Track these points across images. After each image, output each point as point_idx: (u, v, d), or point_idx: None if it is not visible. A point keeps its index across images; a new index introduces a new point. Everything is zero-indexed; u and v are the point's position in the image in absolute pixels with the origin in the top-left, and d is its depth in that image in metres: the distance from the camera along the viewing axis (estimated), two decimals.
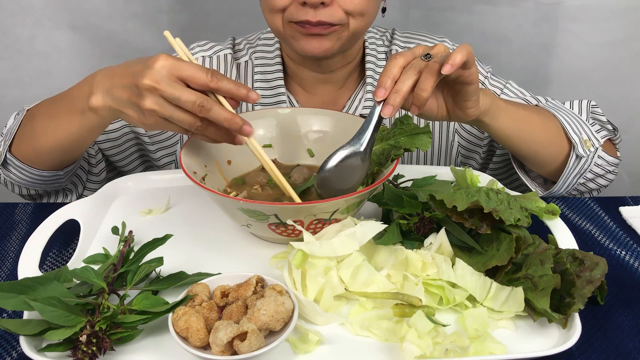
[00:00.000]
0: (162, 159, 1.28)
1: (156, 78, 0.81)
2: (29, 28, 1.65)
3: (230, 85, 0.85)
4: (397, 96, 0.83)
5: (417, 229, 0.88)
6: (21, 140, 1.08)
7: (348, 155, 0.88)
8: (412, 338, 0.72)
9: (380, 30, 1.30)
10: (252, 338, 0.69)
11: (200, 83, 0.83)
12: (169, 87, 0.81)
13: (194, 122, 0.84)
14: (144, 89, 0.82)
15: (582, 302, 0.76)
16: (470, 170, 1.04)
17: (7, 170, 1.11)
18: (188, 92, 0.82)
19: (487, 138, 1.26)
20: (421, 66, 0.85)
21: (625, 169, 1.73)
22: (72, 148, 1.06)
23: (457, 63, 0.82)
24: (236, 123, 0.85)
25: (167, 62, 0.82)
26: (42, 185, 1.14)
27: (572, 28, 1.65)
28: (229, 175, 1.05)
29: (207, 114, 0.83)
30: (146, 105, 0.83)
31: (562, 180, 1.12)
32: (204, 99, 0.83)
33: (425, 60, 0.85)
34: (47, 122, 1.03)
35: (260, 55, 1.24)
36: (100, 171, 1.20)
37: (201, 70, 0.83)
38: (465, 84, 0.89)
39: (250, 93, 0.86)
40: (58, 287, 0.76)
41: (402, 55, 0.86)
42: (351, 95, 1.24)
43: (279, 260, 0.90)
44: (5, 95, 1.72)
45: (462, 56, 0.83)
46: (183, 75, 0.82)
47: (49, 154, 1.06)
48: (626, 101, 1.73)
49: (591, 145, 1.11)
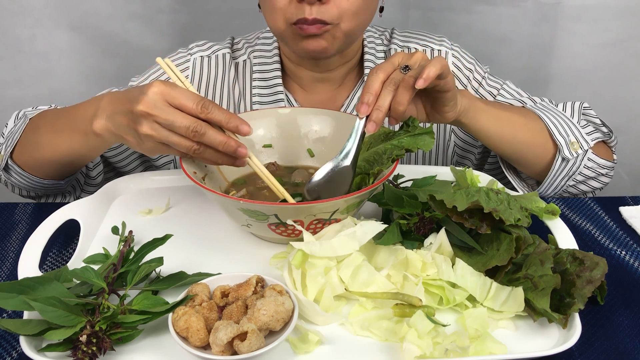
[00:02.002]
0: (160, 158, 1.28)
1: (150, 104, 0.83)
2: (29, 28, 1.65)
3: (221, 116, 0.85)
4: (380, 112, 0.88)
5: (417, 229, 0.88)
6: (23, 149, 1.10)
7: (334, 168, 0.92)
8: (412, 338, 0.72)
9: (379, 29, 1.30)
10: (252, 338, 0.69)
11: (190, 113, 0.84)
12: (162, 112, 0.83)
13: (191, 146, 0.85)
14: (139, 114, 0.84)
15: (582, 302, 0.76)
16: (470, 170, 1.04)
17: (9, 174, 1.13)
18: (181, 117, 0.84)
19: None
20: (399, 80, 0.88)
21: (625, 169, 1.73)
22: (73, 163, 1.10)
23: (431, 77, 0.86)
24: (230, 146, 0.86)
25: (160, 88, 0.84)
26: (42, 190, 1.17)
27: (572, 28, 1.65)
28: (229, 175, 1.05)
29: (201, 138, 0.84)
30: (142, 130, 0.85)
31: (547, 182, 1.13)
32: (197, 123, 0.84)
33: (404, 72, 0.89)
34: (50, 136, 1.05)
35: (259, 54, 1.24)
36: (97, 174, 1.21)
37: (191, 100, 0.84)
38: (442, 92, 0.93)
39: (240, 126, 0.86)
40: (58, 287, 0.76)
41: (382, 70, 0.89)
42: (349, 94, 1.25)
43: (279, 260, 0.90)
44: (5, 95, 1.72)
45: (436, 70, 0.86)
46: (174, 103, 0.84)
47: (51, 166, 1.09)
48: (626, 101, 1.73)
49: (579, 147, 1.11)
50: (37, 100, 1.71)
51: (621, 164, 1.21)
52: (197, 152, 0.86)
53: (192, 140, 0.85)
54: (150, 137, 0.85)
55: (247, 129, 0.86)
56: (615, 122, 1.22)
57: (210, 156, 0.88)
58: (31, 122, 1.12)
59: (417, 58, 0.91)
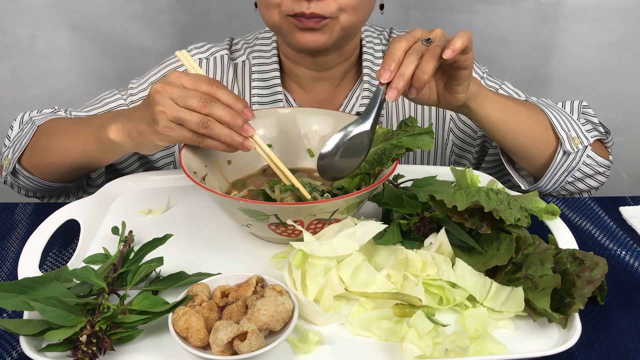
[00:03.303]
0: (160, 160, 1.28)
1: (164, 82, 0.88)
2: (29, 28, 1.65)
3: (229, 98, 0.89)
4: (401, 80, 0.85)
5: (417, 229, 0.88)
6: (33, 153, 1.12)
7: (355, 134, 0.90)
8: (412, 338, 0.72)
9: (378, 29, 1.30)
10: (252, 338, 0.69)
11: (201, 90, 0.88)
12: (175, 88, 0.88)
13: (200, 120, 0.87)
14: (154, 93, 0.88)
15: (582, 302, 0.76)
16: (470, 170, 1.04)
17: (16, 177, 1.16)
18: (192, 91, 0.88)
19: (480, 138, 1.27)
20: (422, 50, 0.87)
21: (625, 169, 1.73)
22: (86, 168, 1.13)
23: (458, 48, 0.85)
24: (237, 121, 0.89)
25: (176, 74, 0.89)
26: (49, 192, 1.19)
27: (572, 28, 1.65)
28: (229, 175, 1.05)
29: (210, 109, 0.87)
30: (158, 108, 0.88)
31: (548, 175, 1.13)
32: (207, 96, 0.88)
33: (426, 44, 0.87)
34: (65, 141, 1.09)
35: (258, 55, 1.24)
36: (98, 176, 1.22)
37: (202, 81, 0.89)
38: (461, 69, 0.92)
39: (246, 110, 0.90)
40: (58, 287, 0.76)
41: (404, 39, 0.87)
42: (348, 93, 1.25)
43: (279, 260, 0.90)
44: (5, 95, 1.72)
45: (463, 42, 0.85)
46: (185, 83, 0.89)
47: (62, 170, 1.12)
48: (626, 101, 1.73)
49: (579, 142, 1.12)
50: (37, 100, 1.72)
51: (621, 164, 1.21)
52: (207, 127, 0.87)
53: (202, 112, 0.87)
54: (164, 114, 0.87)
55: (250, 114, 0.90)
56: (615, 121, 1.22)
57: (218, 133, 0.88)
58: (41, 128, 1.14)
59: (438, 34, 0.90)
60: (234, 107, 0.89)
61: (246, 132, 0.89)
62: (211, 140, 0.89)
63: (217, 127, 0.88)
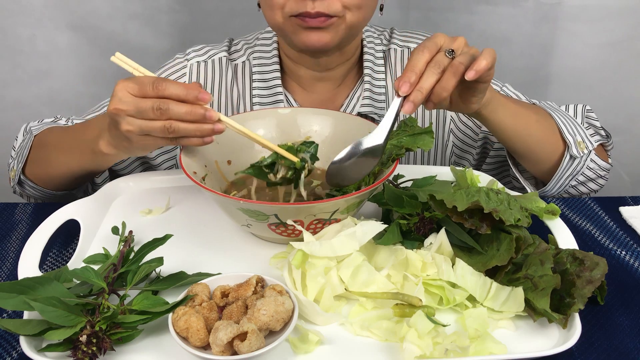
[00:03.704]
0: (164, 164, 1.28)
1: (116, 102, 0.87)
2: (29, 28, 1.65)
3: (178, 90, 0.86)
4: (420, 94, 0.84)
5: (417, 229, 0.88)
6: (34, 166, 1.15)
7: (369, 146, 0.89)
8: (412, 338, 0.72)
9: (379, 29, 1.30)
10: (252, 338, 0.69)
11: (150, 96, 0.86)
12: (126, 104, 0.87)
13: (163, 126, 0.86)
14: (113, 115, 0.88)
15: (582, 302, 0.76)
16: (470, 170, 1.04)
17: (23, 188, 1.19)
18: (144, 101, 0.86)
19: (481, 139, 1.27)
20: (445, 64, 0.85)
21: (625, 169, 1.73)
22: (86, 176, 1.14)
23: (482, 69, 0.84)
24: (197, 113, 0.86)
25: (120, 85, 0.87)
26: (55, 199, 1.20)
27: (572, 28, 1.65)
28: (229, 175, 1.05)
29: (167, 114, 0.85)
30: (123, 128, 0.88)
31: (554, 180, 1.13)
32: (159, 101, 0.85)
33: (449, 57, 0.85)
34: (59, 154, 1.10)
35: (258, 55, 1.24)
36: (103, 180, 1.23)
37: (145, 84, 0.86)
38: (480, 83, 0.91)
39: (200, 95, 0.86)
40: (58, 287, 0.76)
41: (427, 48, 0.86)
42: (349, 93, 1.25)
43: (279, 260, 0.90)
44: (5, 95, 1.72)
45: (488, 63, 0.85)
46: (135, 92, 0.87)
47: (63, 180, 1.14)
48: (626, 101, 1.73)
49: (585, 147, 1.12)
50: (37, 100, 1.72)
51: (621, 164, 1.21)
52: (172, 131, 0.86)
53: (162, 119, 0.86)
54: (131, 132, 0.88)
55: (207, 96, 0.87)
56: (614, 122, 1.22)
57: (185, 130, 0.87)
58: (38, 139, 1.16)
59: (460, 44, 0.88)
60: (188, 98, 0.86)
61: (211, 119, 0.87)
62: (184, 139, 0.89)
63: (182, 127, 0.87)
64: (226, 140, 1.05)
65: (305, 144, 0.96)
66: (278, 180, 0.95)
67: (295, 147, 0.95)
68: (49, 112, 1.25)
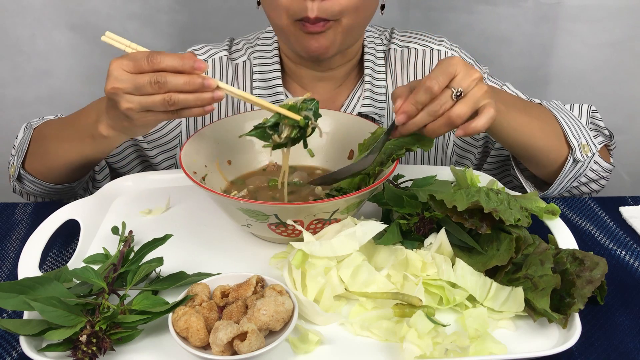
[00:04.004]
0: (163, 162, 1.28)
1: (112, 81, 0.87)
2: (29, 28, 1.65)
3: (173, 62, 0.85)
4: (414, 127, 0.88)
5: (417, 229, 0.88)
6: (33, 158, 1.14)
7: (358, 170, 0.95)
8: (412, 338, 0.72)
9: (379, 29, 1.30)
10: (252, 338, 0.69)
11: (145, 71, 0.86)
12: (123, 82, 0.86)
13: (163, 99, 0.86)
14: (110, 95, 0.88)
15: (582, 302, 0.76)
16: (470, 170, 1.04)
17: (22, 184, 1.17)
18: (140, 77, 0.86)
19: (482, 139, 1.27)
20: (446, 108, 0.86)
21: (625, 169, 1.73)
22: (86, 166, 1.13)
23: (472, 132, 0.86)
24: (195, 82, 0.86)
25: (115, 63, 0.88)
26: (56, 195, 1.20)
27: (572, 28, 1.65)
28: (229, 175, 1.05)
29: (165, 87, 0.85)
30: (122, 107, 0.88)
31: (556, 183, 1.13)
32: (156, 75, 0.85)
33: (454, 99, 0.85)
34: (59, 145, 1.10)
35: (259, 55, 1.24)
36: (104, 177, 1.24)
37: (140, 60, 0.86)
38: None
39: (196, 64, 0.85)
40: (58, 287, 0.76)
41: (437, 84, 0.85)
42: (350, 93, 1.24)
43: (279, 260, 0.90)
44: (5, 95, 1.72)
45: (483, 126, 0.86)
46: (130, 69, 0.87)
47: (63, 171, 1.13)
48: (626, 101, 1.73)
49: (589, 150, 1.12)
50: (37, 100, 1.72)
51: (621, 164, 1.21)
52: (173, 103, 0.86)
53: (160, 93, 0.86)
54: (131, 109, 0.87)
55: (202, 64, 0.86)
56: (615, 122, 1.22)
57: (185, 101, 0.86)
58: (37, 132, 1.16)
59: (473, 81, 0.86)
60: (184, 69, 0.85)
61: (210, 87, 0.86)
62: (185, 110, 0.88)
63: (182, 98, 0.86)
64: (226, 140, 1.05)
65: (305, 101, 0.95)
66: (283, 140, 0.94)
67: (297, 106, 0.94)
68: (49, 112, 1.25)
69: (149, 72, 0.85)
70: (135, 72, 0.86)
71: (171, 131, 1.23)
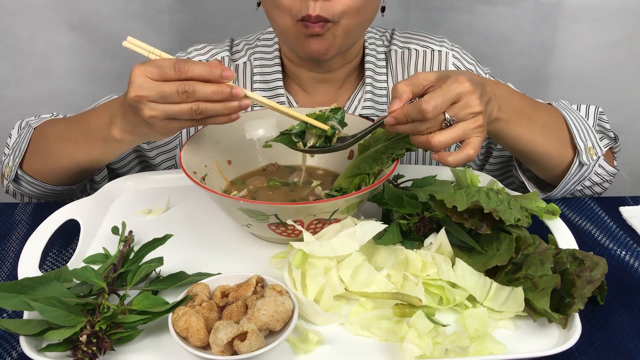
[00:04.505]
0: (163, 163, 1.28)
1: (136, 88, 0.85)
2: (29, 28, 1.65)
3: (201, 70, 0.85)
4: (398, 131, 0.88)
5: (417, 229, 0.88)
6: (34, 159, 1.12)
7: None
8: (412, 338, 0.72)
9: (380, 30, 1.30)
10: (252, 338, 0.69)
11: (172, 79, 0.85)
12: (149, 90, 0.85)
13: (190, 108, 0.85)
14: (134, 102, 0.87)
15: (582, 302, 0.76)
16: (470, 170, 1.04)
17: (19, 185, 1.15)
18: (167, 85, 0.85)
19: (486, 138, 1.26)
20: (433, 130, 0.85)
21: (625, 169, 1.73)
22: (90, 168, 1.12)
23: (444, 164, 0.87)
24: (224, 91, 0.86)
25: (138, 70, 0.86)
26: (53, 197, 1.18)
27: (572, 28, 1.65)
28: (229, 175, 1.05)
29: (194, 96, 0.85)
30: (145, 115, 0.87)
31: (560, 186, 1.12)
32: (185, 84, 0.84)
33: (444, 125, 0.85)
34: (63, 145, 1.07)
35: (259, 56, 1.24)
36: (102, 179, 1.23)
37: (167, 67, 0.85)
38: None
39: (224, 73, 0.85)
40: (58, 287, 0.76)
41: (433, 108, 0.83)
42: (350, 95, 1.24)
43: (279, 260, 0.90)
44: (5, 95, 1.72)
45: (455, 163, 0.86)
46: (155, 77, 0.85)
47: (66, 173, 1.11)
48: (626, 101, 1.73)
49: (594, 153, 1.10)
50: (37, 100, 1.72)
51: (622, 164, 1.20)
52: (200, 113, 0.86)
53: (188, 102, 0.85)
54: (154, 117, 0.87)
55: (230, 73, 0.86)
56: (615, 122, 1.21)
57: (213, 110, 0.86)
58: (38, 132, 1.13)
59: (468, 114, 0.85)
60: (212, 77, 0.85)
61: (238, 96, 0.86)
62: (211, 118, 0.88)
63: (210, 107, 0.86)
64: (226, 140, 1.05)
65: (332, 110, 0.96)
66: (307, 148, 0.95)
67: (324, 115, 0.95)
68: (49, 112, 1.25)
69: (176, 80, 0.85)
70: (161, 79, 0.85)
71: None
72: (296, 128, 0.95)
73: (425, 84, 0.87)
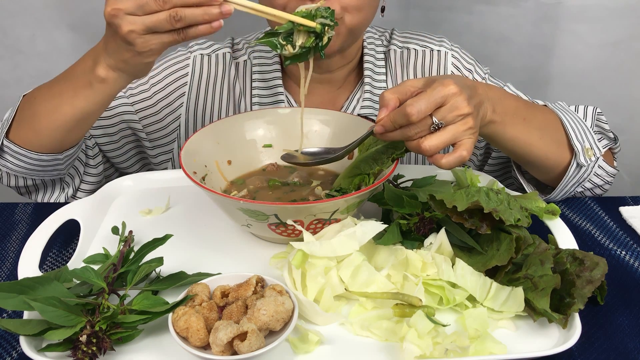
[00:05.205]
0: (159, 156, 1.28)
1: (111, 1, 0.84)
2: (29, 28, 1.65)
3: None
4: (389, 139, 0.89)
5: (417, 229, 0.88)
6: (20, 124, 1.06)
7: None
8: (412, 338, 0.72)
9: (379, 30, 1.30)
10: (252, 338, 0.69)
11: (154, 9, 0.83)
12: (123, 1, 0.83)
13: (170, 15, 0.83)
14: (111, 18, 0.84)
15: (582, 302, 0.76)
16: (470, 170, 1.04)
17: (3, 159, 1.08)
18: None
19: (484, 140, 1.26)
20: (421, 135, 0.85)
21: (625, 169, 1.73)
22: (77, 126, 1.04)
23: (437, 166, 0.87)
24: None
25: None
26: (40, 172, 1.10)
27: (572, 28, 1.65)
28: (229, 175, 1.05)
29: (172, 2, 0.83)
30: (124, 29, 0.84)
31: (559, 188, 1.10)
32: None
33: (432, 129, 0.85)
34: (50, 101, 1.02)
35: (259, 55, 1.24)
36: (97, 164, 1.20)
37: None
38: None
39: None
40: (58, 287, 0.76)
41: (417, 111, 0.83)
42: (349, 95, 1.24)
43: (279, 260, 0.90)
44: (5, 95, 1.72)
45: (448, 166, 0.87)
46: None
47: (52, 134, 1.04)
48: (626, 101, 1.73)
49: (592, 154, 1.09)
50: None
51: (621, 164, 1.20)
52: (179, 19, 0.83)
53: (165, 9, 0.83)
54: (133, 32, 0.84)
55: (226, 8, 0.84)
56: (615, 122, 1.21)
57: (192, 16, 0.84)
58: (26, 98, 1.09)
59: (456, 116, 0.85)
60: None
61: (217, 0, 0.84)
62: (192, 29, 0.85)
63: (189, 13, 0.84)
64: (226, 140, 1.05)
65: (320, 9, 0.92)
66: (297, 50, 0.91)
67: (311, 13, 0.91)
68: None
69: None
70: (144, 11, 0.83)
71: (170, 124, 1.23)
72: (283, 28, 0.90)
73: (412, 90, 0.87)
